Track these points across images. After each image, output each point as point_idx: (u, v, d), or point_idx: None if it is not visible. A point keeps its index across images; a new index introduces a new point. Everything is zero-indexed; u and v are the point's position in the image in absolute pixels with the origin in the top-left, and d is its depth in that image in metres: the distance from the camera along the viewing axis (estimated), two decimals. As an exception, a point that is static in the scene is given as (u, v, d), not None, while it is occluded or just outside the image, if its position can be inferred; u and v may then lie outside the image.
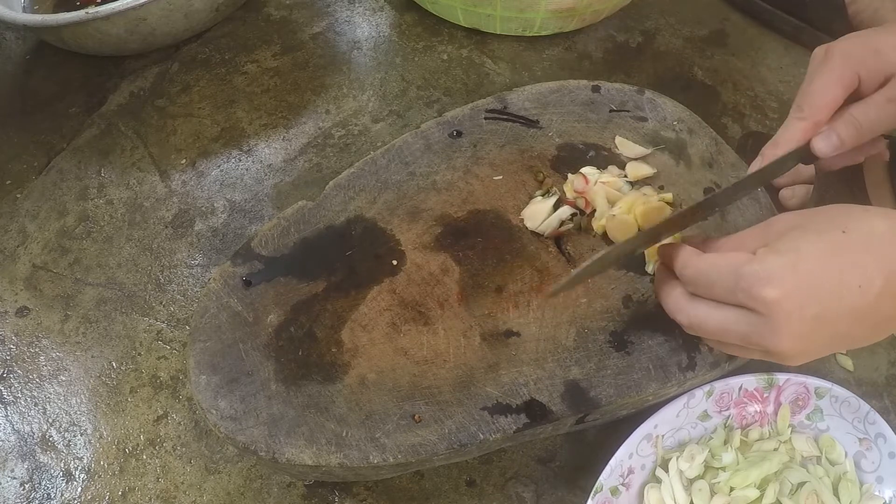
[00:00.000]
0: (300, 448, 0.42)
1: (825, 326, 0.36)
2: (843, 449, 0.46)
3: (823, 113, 0.45)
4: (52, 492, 0.50)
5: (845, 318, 0.37)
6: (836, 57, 0.45)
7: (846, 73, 0.44)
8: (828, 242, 0.37)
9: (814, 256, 0.36)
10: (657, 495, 0.45)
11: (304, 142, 0.66)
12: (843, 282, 0.36)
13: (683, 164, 0.55)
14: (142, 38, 0.67)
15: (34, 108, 0.70)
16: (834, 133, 0.45)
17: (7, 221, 0.62)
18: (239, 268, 0.49)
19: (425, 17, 0.74)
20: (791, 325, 0.36)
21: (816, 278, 0.36)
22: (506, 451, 0.50)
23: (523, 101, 0.58)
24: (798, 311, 0.36)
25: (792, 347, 0.37)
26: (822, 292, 0.36)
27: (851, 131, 0.45)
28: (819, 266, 0.36)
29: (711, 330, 0.39)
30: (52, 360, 0.55)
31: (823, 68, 0.45)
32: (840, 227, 0.37)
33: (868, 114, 0.45)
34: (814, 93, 0.45)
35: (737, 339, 0.38)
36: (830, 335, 0.37)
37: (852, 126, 0.45)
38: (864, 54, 0.44)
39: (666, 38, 0.73)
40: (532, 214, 0.52)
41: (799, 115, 0.45)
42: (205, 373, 0.45)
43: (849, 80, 0.44)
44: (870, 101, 0.45)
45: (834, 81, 0.45)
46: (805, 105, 0.45)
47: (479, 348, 0.46)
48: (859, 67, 0.44)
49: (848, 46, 0.45)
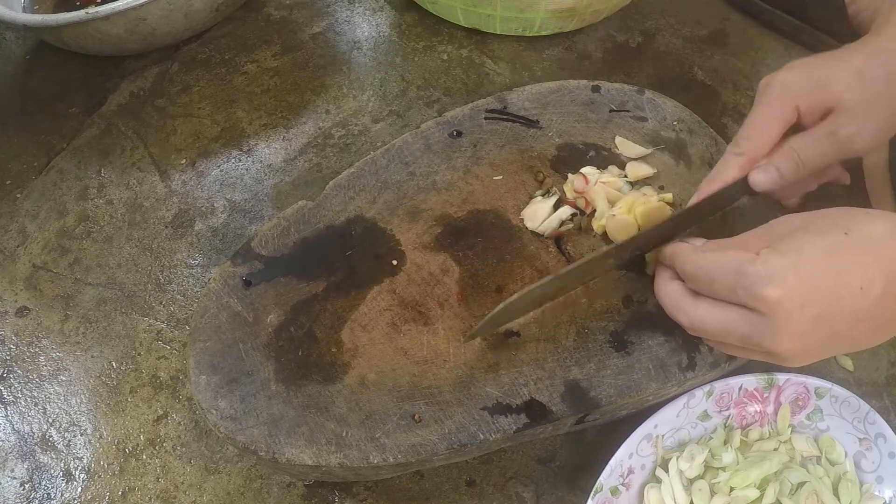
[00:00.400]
0: (300, 448, 0.42)
1: (825, 327, 0.36)
2: (843, 449, 0.46)
3: (760, 148, 0.44)
4: (52, 492, 0.50)
5: (846, 320, 0.36)
6: (774, 89, 0.44)
7: (784, 107, 0.44)
8: (829, 244, 0.37)
9: (815, 257, 0.36)
10: (657, 495, 0.45)
11: (304, 142, 0.66)
12: (845, 283, 0.36)
13: (683, 164, 0.55)
14: (142, 38, 0.67)
15: (34, 108, 0.70)
16: (772, 167, 0.44)
17: (7, 221, 0.62)
18: (239, 268, 0.49)
19: (425, 17, 0.74)
20: (791, 325, 0.36)
21: (818, 279, 0.36)
22: (506, 451, 0.50)
23: (523, 101, 0.58)
24: (798, 311, 0.35)
25: (791, 348, 0.37)
26: (823, 293, 0.36)
27: (791, 165, 0.44)
28: (820, 267, 0.36)
29: (711, 329, 0.39)
30: (52, 360, 0.55)
31: (762, 101, 0.45)
32: (842, 229, 0.37)
33: (808, 148, 0.44)
34: (751, 127, 0.45)
35: (737, 338, 0.38)
36: (830, 336, 0.37)
37: (791, 160, 0.44)
38: (805, 86, 0.44)
39: (666, 38, 0.73)
40: (532, 214, 0.52)
41: (735, 150, 0.45)
42: (205, 373, 0.45)
43: (787, 114, 0.44)
44: (810, 135, 0.44)
45: (771, 115, 0.44)
46: (742, 140, 0.45)
47: (479, 348, 0.46)
48: (799, 100, 0.44)
49: (788, 78, 0.44)
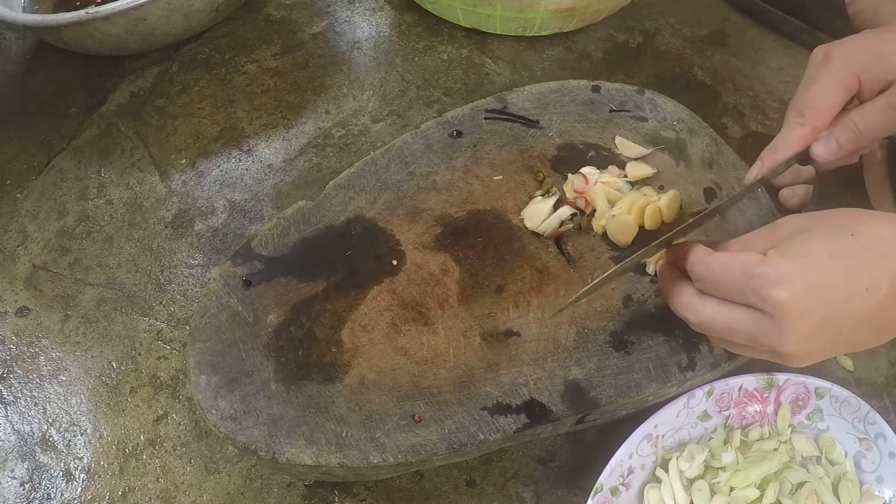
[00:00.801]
0: (300, 448, 0.42)
1: (831, 329, 0.37)
2: (843, 449, 0.46)
3: (823, 118, 0.44)
4: (52, 492, 0.50)
5: (851, 321, 0.37)
6: (836, 60, 0.44)
7: (847, 78, 0.44)
8: (837, 246, 0.37)
9: (823, 260, 0.36)
10: (657, 495, 0.45)
11: (304, 142, 0.66)
12: (851, 286, 0.36)
13: (683, 164, 0.55)
14: (142, 38, 0.67)
15: (34, 108, 0.70)
16: (833, 139, 0.44)
17: (7, 221, 0.62)
18: (239, 268, 0.49)
19: (425, 17, 0.74)
20: (799, 327, 0.36)
21: (825, 281, 0.36)
22: (506, 451, 0.50)
23: (523, 101, 0.58)
24: (806, 313, 0.36)
25: (798, 349, 0.37)
26: (830, 295, 0.36)
27: (850, 137, 0.44)
28: (828, 269, 0.36)
29: (719, 329, 0.40)
30: (52, 360, 0.55)
31: (824, 72, 0.44)
32: (848, 231, 0.37)
33: (868, 120, 0.44)
34: (814, 97, 0.45)
35: (744, 338, 0.39)
36: (836, 337, 0.38)
37: (851, 132, 0.44)
38: (866, 58, 0.44)
39: (666, 38, 0.73)
40: (532, 214, 0.52)
41: (799, 119, 0.45)
42: (205, 373, 0.45)
43: (849, 85, 0.44)
44: (870, 107, 0.44)
45: (834, 86, 0.44)
46: (805, 109, 0.45)
47: (479, 348, 0.46)
48: (860, 71, 0.44)
49: (849, 49, 0.44)
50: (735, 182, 0.53)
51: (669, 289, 0.43)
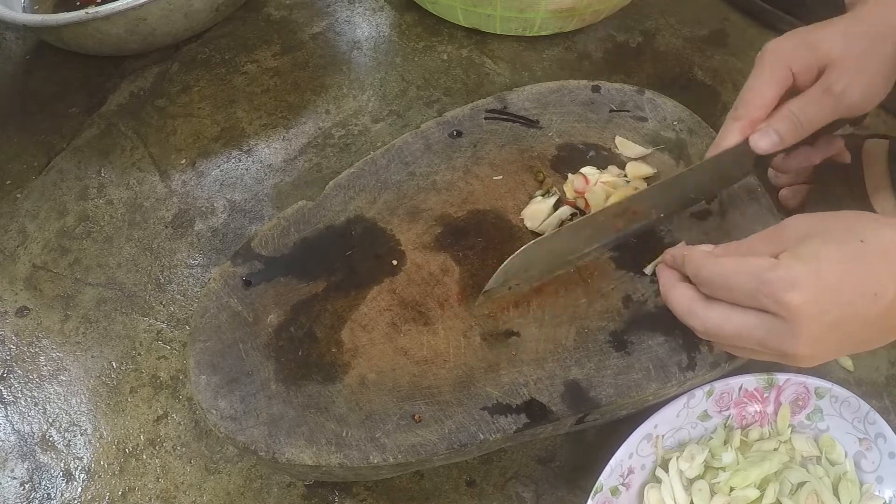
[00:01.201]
0: (300, 448, 0.42)
1: (839, 331, 0.37)
2: (843, 449, 0.46)
3: (758, 111, 0.46)
4: (52, 492, 0.50)
5: (858, 324, 0.37)
6: (766, 55, 0.46)
7: (778, 70, 0.45)
8: (847, 252, 0.37)
9: (835, 265, 0.37)
10: (657, 495, 0.45)
11: (304, 142, 0.66)
12: (860, 290, 0.37)
13: (683, 164, 0.55)
14: (142, 38, 0.67)
15: (34, 108, 0.70)
16: (771, 129, 0.45)
17: (7, 221, 0.62)
18: (239, 268, 0.49)
19: (425, 17, 0.74)
20: (811, 329, 0.36)
21: (836, 286, 0.36)
22: (506, 451, 0.50)
23: (523, 101, 0.58)
24: (819, 316, 0.36)
25: (808, 351, 0.37)
26: (841, 299, 0.37)
27: (789, 126, 0.45)
28: (839, 274, 0.37)
29: (727, 334, 0.39)
30: (52, 360, 0.55)
31: (756, 68, 0.46)
32: (858, 238, 0.38)
33: (805, 108, 0.45)
34: (748, 91, 0.46)
35: (754, 343, 0.39)
36: (843, 340, 0.38)
37: (790, 121, 0.45)
38: (796, 49, 0.45)
39: (666, 38, 0.73)
40: (532, 214, 0.52)
41: (734, 114, 0.47)
42: (205, 373, 0.45)
43: (782, 77, 0.45)
44: (806, 95, 0.46)
45: (766, 79, 0.45)
46: (740, 105, 0.46)
47: (479, 348, 0.46)
48: (791, 62, 0.45)
49: (780, 44, 0.46)
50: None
51: (671, 295, 0.43)
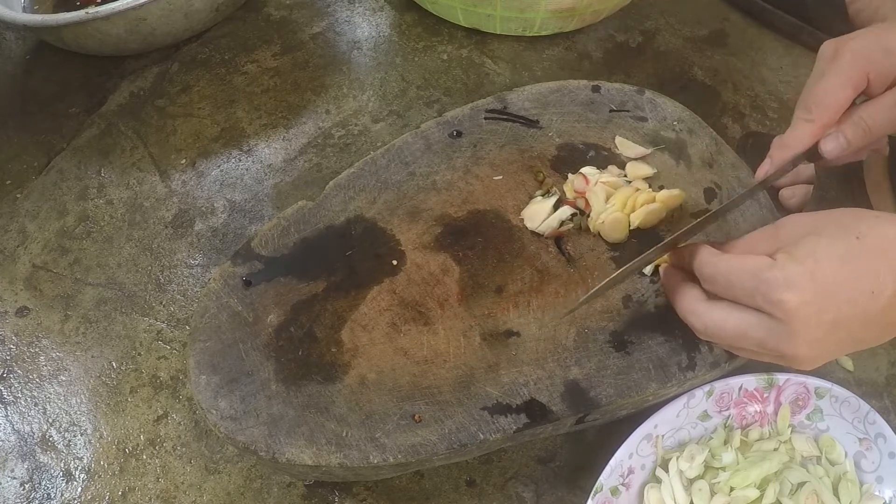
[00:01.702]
0: (300, 448, 0.42)
1: (839, 331, 0.37)
2: (843, 449, 0.46)
3: (832, 114, 0.44)
4: (52, 492, 0.50)
5: (857, 322, 0.37)
6: (845, 56, 0.44)
7: (856, 74, 0.43)
8: (843, 249, 0.37)
9: (831, 264, 0.37)
10: (657, 495, 0.45)
11: (304, 142, 0.66)
12: (858, 288, 0.36)
13: (683, 164, 0.55)
14: (142, 38, 0.67)
15: (34, 108, 0.70)
16: (842, 135, 0.44)
17: (7, 221, 0.62)
18: (239, 268, 0.49)
19: (425, 17, 0.74)
20: (808, 331, 0.36)
21: (834, 285, 0.36)
22: (506, 451, 0.50)
23: (523, 101, 0.58)
24: (816, 317, 0.36)
25: (807, 353, 0.37)
26: (838, 299, 0.36)
27: (859, 133, 0.44)
28: (836, 273, 0.36)
29: (727, 334, 0.39)
30: (52, 360, 0.55)
31: (832, 68, 0.44)
32: (854, 234, 0.37)
33: (876, 116, 0.44)
34: (822, 93, 0.44)
35: (753, 343, 0.38)
36: (842, 339, 0.38)
37: (860, 128, 0.44)
38: (875, 54, 0.43)
39: (666, 38, 0.73)
40: (532, 214, 0.52)
41: (807, 116, 0.45)
42: (205, 373, 0.45)
43: (858, 81, 0.44)
44: (879, 103, 0.44)
45: (843, 82, 0.44)
46: (813, 106, 0.44)
47: (479, 348, 0.46)
48: (869, 67, 0.43)
49: (859, 45, 0.44)
50: (735, 182, 0.53)
51: (675, 293, 0.43)
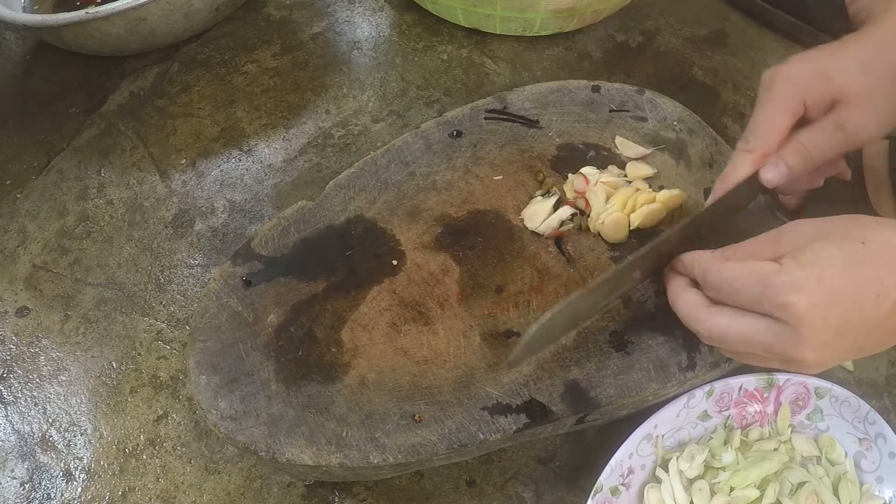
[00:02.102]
0: (300, 448, 0.42)
1: (845, 335, 0.37)
2: (843, 449, 0.46)
3: (770, 143, 0.44)
4: (52, 492, 0.50)
5: (862, 328, 0.37)
6: (779, 83, 0.44)
7: (790, 101, 0.44)
8: (848, 255, 0.37)
9: (837, 268, 0.37)
10: (657, 495, 0.45)
11: (304, 142, 0.66)
12: (863, 292, 0.36)
13: (683, 164, 0.55)
14: (142, 38, 0.67)
15: (34, 108, 0.70)
16: (781, 162, 0.44)
17: (7, 221, 0.62)
18: (239, 268, 0.49)
19: (425, 17, 0.74)
20: (815, 334, 0.36)
21: (839, 289, 0.36)
22: (506, 451, 0.50)
23: (523, 101, 0.58)
24: (822, 321, 0.36)
25: (814, 357, 0.37)
26: (844, 303, 0.36)
27: (799, 159, 0.44)
28: (841, 278, 0.36)
29: (733, 340, 0.39)
30: (52, 360, 0.55)
31: (767, 96, 0.44)
32: (859, 240, 0.37)
33: (816, 141, 0.44)
34: (759, 122, 0.45)
35: (760, 348, 0.38)
36: (848, 344, 0.38)
37: (800, 154, 0.44)
38: (809, 79, 0.44)
39: (666, 38, 0.73)
40: (532, 214, 0.52)
41: (745, 146, 0.45)
42: (205, 373, 0.45)
43: (794, 108, 0.44)
44: (817, 128, 0.44)
45: (779, 110, 0.44)
46: (751, 136, 0.45)
47: (479, 348, 0.46)
48: (804, 93, 0.44)
49: (792, 71, 0.44)
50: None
51: (677, 301, 0.43)
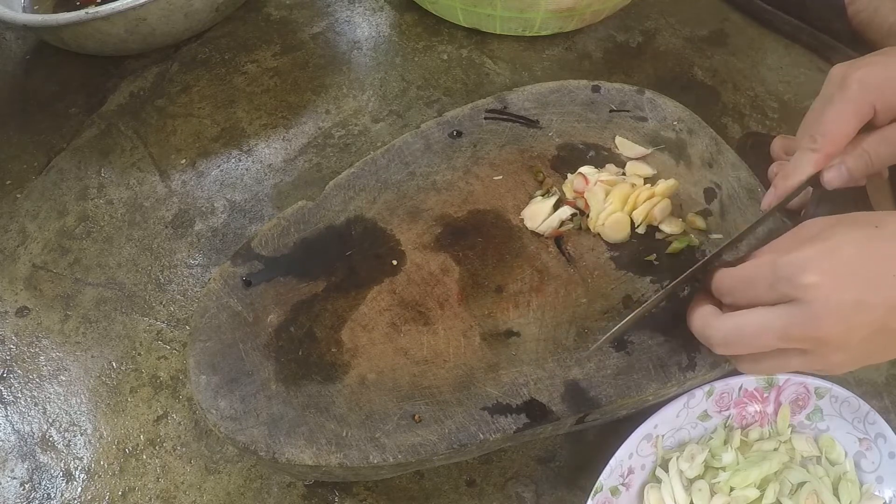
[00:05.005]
0: (300, 448, 0.42)
1: (865, 314, 0.36)
2: (843, 449, 0.46)
3: (837, 145, 0.44)
4: (52, 492, 0.50)
5: (882, 307, 0.36)
6: (853, 86, 0.43)
7: (862, 105, 0.43)
8: (861, 235, 0.37)
9: (848, 246, 0.37)
10: (657, 495, 0.45)
11: (304, 142, 0.66)
12: (879, 270, 0.36)
13: (683, 164, 0.55)
14: (142, 38, 0.67)
15: (34, 108, 0.70)
16: (844, 166, 0.44)
17: (7, 221, 0.62)
18: (239, 268, 0.49)
19: (425, 17, 0.74)
20: (830, 308, 0.36)
21: (852, 265, 0.36)
22: (506, 451, 0.50)
23: (523, 101, 0.58)
24: (837, 294, 0.36)
25: (834, 335, 0.36)
26: (858, 278, 0.36)
27: (861, 164, 0.44)
28: (853, 254, 0.36)
29: (749, 333, 0.39)
30: (52, 360, 0.55)
31: (839, 97, 0.44)
32: (872, 224, 0.38)
33: (880, 148, 0.44)
34: (828, 123, 0.44)
35: (777, 335, 0.38)
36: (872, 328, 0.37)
37: (863, 160, 0.44)
38: (883, 84, 0.43)
39: (666, 38, 0.73)
40: (532, 214, 0.52)
41: (812, 146, 0.45)
42: (205, 373, 0.45)
43: (865, 112, 0.44)
44: (883, 136, 0.44)
45: (849, 113, 0.44)
46: (819, 136, 0.44)
47: (479, 348, 0.46)
48: (876, 98, 0.43)
49: (867, 74, 0.43)
50: (735, 182, 0.53)
51: (691, 314, 0.43)
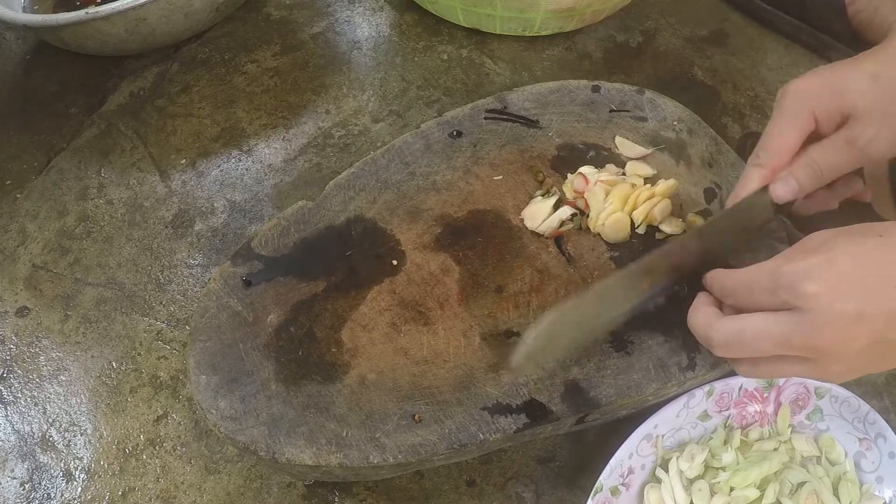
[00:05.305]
0: (300, 448, 0.42)
1: (865, 325, 0.36)
2: (843, 449, 0.46)
3: (780, 158, 0.44)
4: (52, 492, 0.50)
5: (882, 318, 0.36)
6: (789, 98, 0.44)
7: (801, 115, 0.44)
8: (863, 244, 0.37)
9: (849, 256, 0.37)
10: (657, 495, 0.45)
11: (304, 142, 0.66)
12: (880, 280, 0.36)
13: (683, 164, 0.55)
14: (142, 38, 0.67)
15: (34, 108, 0.70)
16: (792, 178, 0.44)
17: (7, 221, 0.62)
18: (239, 268, 0.49)
19: (425, 17, 0.74)
20: (831, 318, 0.36)
21: (854, 274, 0.36)
22: (506, 451, 0.50)
23: (523, 101, 0.58)
24: (838, 304, 0.36)
25: (834, 345, 0.36)
26: (860, 289, 0.36)
27: (810, 175, 0.44)
28: (855, 264, 0.36)
29: (749, 338, 0.39)
30: (52, 360, 0.55)
31: (778, 111, 0.45)
32: (876, 233, 0.37)
33: (826, 157, 0.44)
34: (768, 137, 0.45)
35: (777, 342, 0.38)
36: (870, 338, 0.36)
37: (811, 169, 0.44)
38: (821, 93, 0.44)
39: (666, 38, 0.73)
40: (532, 214, 0.52)
41: (756, 161, 0.45)
42: (205, 373, 0.45)
43: (804, 123, 0.44)
44: (828, 144, 0.44)
45: (788, 125, 0.44)
46: (761, 151, 0.45)
47: (479, 348, 0.46)
48: (815, 107, 0.44)
49: (803, 86, 0.44)
50: (735, 182, 0.53)
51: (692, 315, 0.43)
